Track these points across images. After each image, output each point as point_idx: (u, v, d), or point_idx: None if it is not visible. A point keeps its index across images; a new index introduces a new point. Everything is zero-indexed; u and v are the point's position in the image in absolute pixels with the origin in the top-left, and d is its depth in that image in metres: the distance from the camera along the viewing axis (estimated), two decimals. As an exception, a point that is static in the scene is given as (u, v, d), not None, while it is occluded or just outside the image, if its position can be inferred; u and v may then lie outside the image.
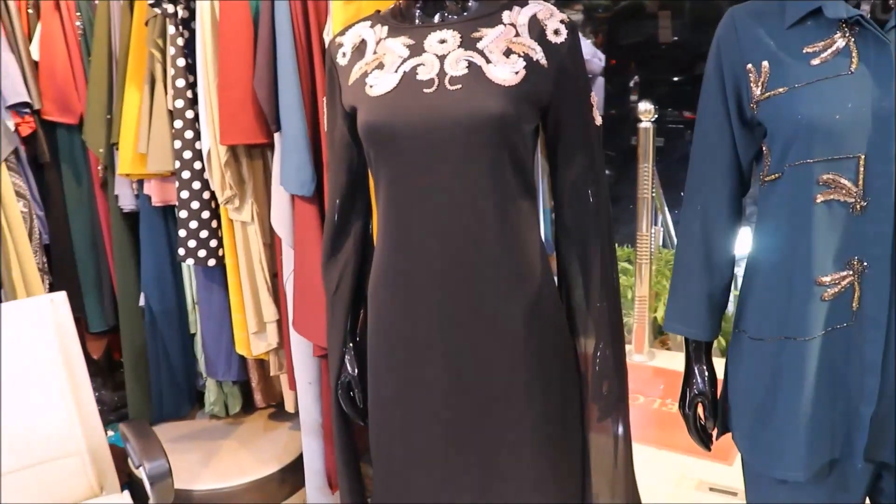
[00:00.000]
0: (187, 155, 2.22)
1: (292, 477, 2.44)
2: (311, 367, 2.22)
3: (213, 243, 2.29)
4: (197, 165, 2.22)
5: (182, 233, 2.26)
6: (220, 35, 2.07)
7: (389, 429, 1.46)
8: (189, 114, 2.20)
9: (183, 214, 2.25)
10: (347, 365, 1.55)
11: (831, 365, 1.16)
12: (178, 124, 2.21)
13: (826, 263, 1.13)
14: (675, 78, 5.00)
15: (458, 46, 1.30)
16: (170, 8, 2.14)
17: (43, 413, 1.90)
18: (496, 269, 1.33)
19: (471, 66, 1.29)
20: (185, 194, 2.23)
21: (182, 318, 2.58)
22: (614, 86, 4.83)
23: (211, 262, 2.30)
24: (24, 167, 2.51)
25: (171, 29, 2.18)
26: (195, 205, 2.24)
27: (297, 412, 2.32)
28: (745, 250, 1.30)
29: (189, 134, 2.21)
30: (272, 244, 2.30)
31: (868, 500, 1.27)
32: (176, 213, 2.30)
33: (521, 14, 1.33)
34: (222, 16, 2.06)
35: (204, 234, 2.27)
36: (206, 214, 2.26)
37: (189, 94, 2.20)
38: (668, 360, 2.88)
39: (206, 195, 2.25)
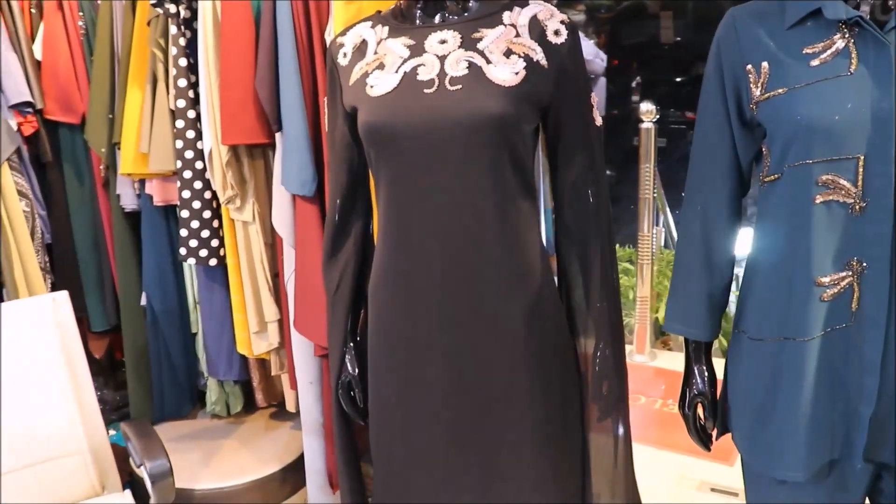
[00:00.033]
0: (189, 154, 2.22)
1: (293, 476, 2.44)
2: (312, 366, 2.22)
3: (215, 243, 2.29)
4: (198, 165, 2.22)
5: (183, 232, 2.26)
6: (222, 35, 2.07)
7: (390, 429, 1.46)
8: (191, 113, 2.20)
9: (184, 214, 2.25)
10: (348, 365, 1.55)
11: (831, 365, 1.16)
12: (179, 124, 2.21)
13: (825, 264, 1.13)
14: (677, 78, 4.99)
15: (459, 47, 1.30)
16: (172, 8, 2.14)
17: (44, 412, 1.90)
18: (496, 270, 1.33)
19: (471, 66, 1.29)
20: (186, 194, 2.24)
21: (183, 318, 2.58)
22: (617, 86, 4.83)
23: (212, 262, 2.30)
24: (26, 166, 2.51)
25: (173, 29, 2.18)
26: (197, 204, 2.24)
27: (299, 412, 2.32)
28: (746, 250, 1.30)
29: (191, 133, 2.21)
30: (273, 244, 2.30)
31: (868, 501, 1.27)
32: (177, 212, 2.30)
33: (522, 15, 1.33)
34: (224, 16, 2.06)
35: (205, 233, 2.27)
36: (207, 214, 2.26)
37: (191, 93, 2.20)
38: (670, 360, 2.87)
39: (207, 195, 2.25)
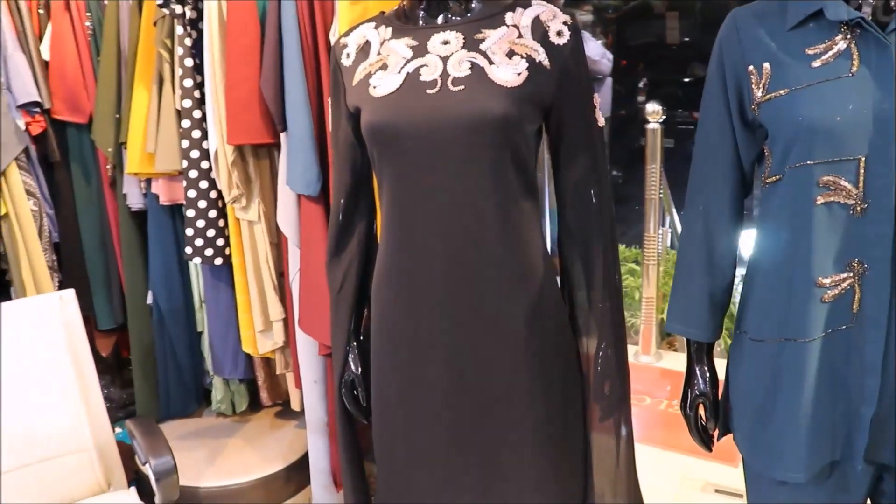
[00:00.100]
0: (195, 154, 2.22)
1: (298, 475, 2.44)
2: (316, 365, 2.22)
3: (220, 242, 2.29)
4: (204, 165, 2.23)
5: (189, 231, 2.27)
6: (227, 35, 2.08)
7: (392, 428, 1.47)
8: (197, 113, 2.21)
9: (190, 213, 2.26)
10: (351, 364, 1.55)
11: (831, 366, 1.16)
12: (185, 124, 2.22)
13: (826, 265, 1.13)
14: (685, 79, 4.97)
15: (461, 47, 1.31)
16: (178, 8, 2.15)
17: (51, 410, 1.91)
18: (498, 270, 1.33)
19: (473, 67, 1.29)
20: (192, 193, 2.24)
21: (189, 317, 2.59)
22: (624, 86, 4.82)
23: (218, 261, 2.31)
24: (34, 166, 2.52)
25: (179, 29, 2.18)
26: (202, 204, 2.25)
27: (303, 410, 2.33)
28: (748, 251, 1.30)
29: (196, 133, 2.21)
30: (279, 243, 2.31)
31: (869, 502, 1.27)
32: (183, 211, 2.31)
33: (524, 15, 1.33)
34: (229, 16, 2.07)
35: (211, 232, 2.27)
36: (213, 213, 2.27)
37: (197, 93, 2.21)
38: (675, 361, 2.87)
39: (213, 194, 2.25)
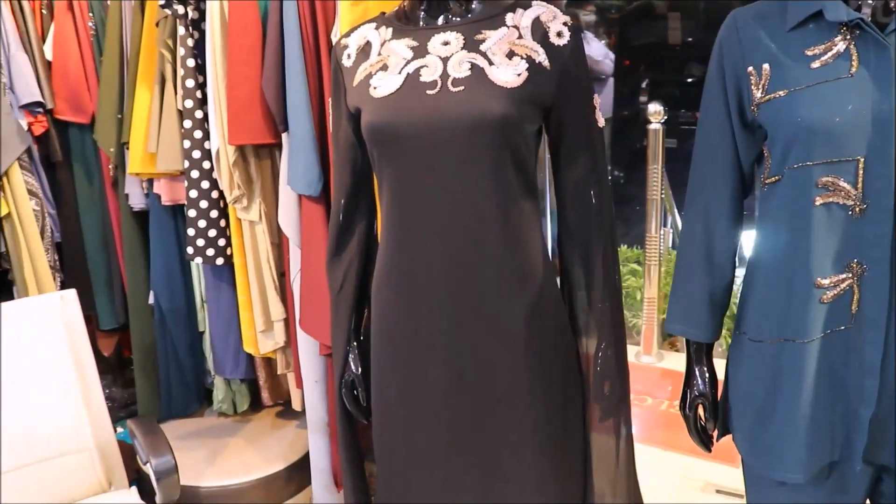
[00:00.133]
0: (196, 154, 2.22)
1: (298, 475, 2.44)
2: (317, 365, 2.22)
3: (222, 242, 2.30)
4: (206, 165, 2.23)
5: (191, 231, 2.27)
6: (229, 36, 2.08)
7: (392, 428, 1.47)
8: (198, 114, 2.21)
9: (192, 213, 2.26)
10: (351, 364, 1.56)
11: (830, 367, 1.16)
12: (187, 124, 2.22)
13: (825, 266, 1.13)
14: (688, 79, 4.97)
15: (462, 48, 1.31)
16: (180, 9, 2.15)
17: (52, 409, 1.92)
18: (498, 270, 1.34)
19: (473, 67, 1.29)
20: (193, 193, 2.24)
21: (191, 317, 2.59)
22: (627, 86, 4.81)
23: (219, 261, 2.31)
24: (36, 166, 2.52)
25: (182, 30, 2.18)
26: (204, 204, 2.25)
27: (304, 410, 2.33)
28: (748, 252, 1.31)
29: (198, 134, 2.22)
30: (280, 243, 2.31)
31: (868, 503, 1.27)
32: (185, 211, 2.31)
33: (525, 16, 1.34)
34: (231, 17, 2.07)
35: (212, 232, 2.28)
36: (214, 213, 2.27)
37: (198, 94, 2.21)
38: (677, 361, 2.87)
39: (214, 194, 2.25)
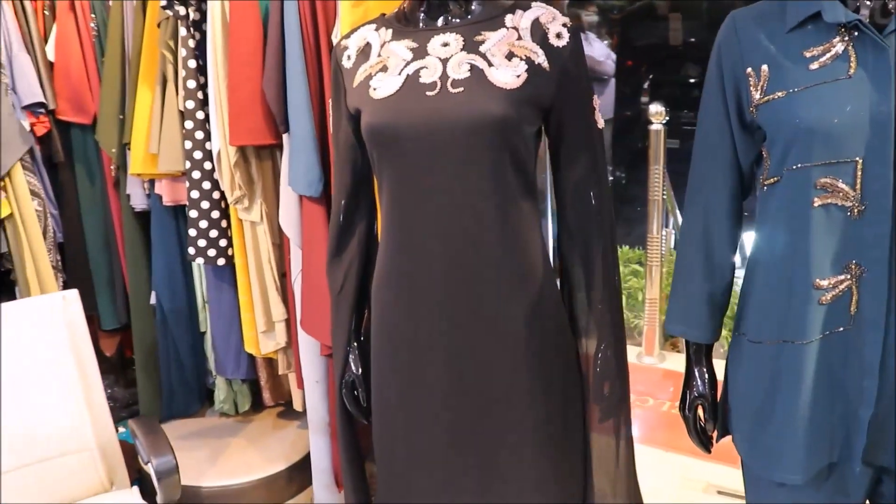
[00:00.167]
0: (198, 155, 2.23)
1: (300, 475, 2.44)
2: (318, 365, 2.22)
3: (223, 243, 2.30)
4: (207, 166, 2.23)
5: (192, 232, 2.28)
6: (230, 37, 2.08)
7: (392, 429, 1.47)
8: (200, 115, 2.21)
9: (193, 214, 2.26)
10: (351, 364, 1.56)
11: (829, 369, 1.16)
12: (188, 125, 2.22)
13: (824, 267, 1.13)
14: (690, 79, 4.97)
15: (461, 49, 1.31)
16: (181, 10, 2.15)
17: (54, 409, 1.92)
18: (497, 271, 1.34)
19: (473, 69, 1.30)
20: (195, 194, 2.25)
21: (192, 317, 2.59)
22: (630, 87, 4.82)
23: (220, 262, 2.31)
24: (38, 166, 2.53)
25: (183, 31, 2.19)
26: (205, 204, 2.25)
27: (306, 411, 2.33)
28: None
29: (199, 134, 2.22)
30: (281, 244, 2.31)
31: (868, 504, 1.27)
32: (186, 212, 2.32)
33: (524, 18, 1.34)
34: (232, 17, 2.07)
35: (214, 233, 2.28)
36: (215, 214, 2.27)
37: (200, 95, 2.22)
38: (679, 362, 2.86)
39: (216, 195, 2.26)
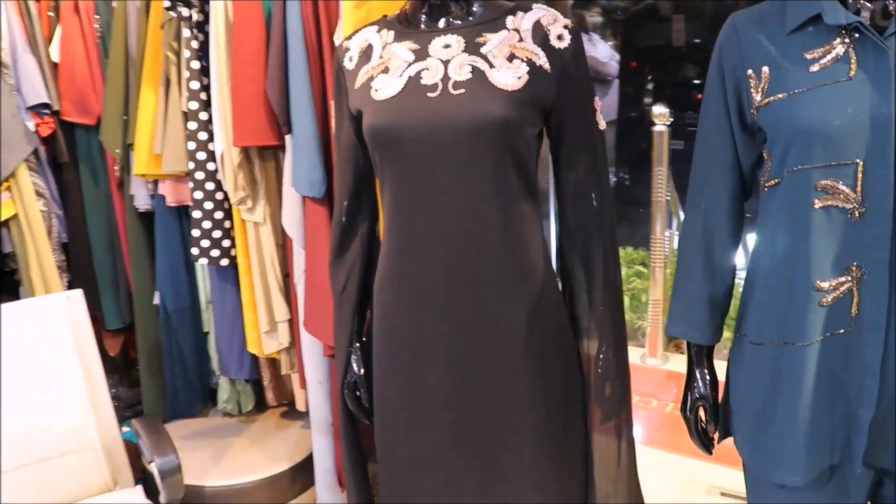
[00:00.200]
0: (201, 156, 2.23)
1: (303, 475, 2.45)
2: (321, 366, 2.22)
3: (226, 243, 2.30)
4: (210, 166, 2.24)
5: (195, 232, 2.28)
6: (233, 38, 2.09)
7: (394, 430, 1.47)
8: (203, 116, 2.22)
9: (196, 214, 2.27)
10: (353, 365, 1.56)
11: (830, 370, 1.16)
12: (192, 126, 2.23)
13: (825, 269, 1.13)
14: (695, 81, 4.96)
15: (463, 51, 1.32)
16: (185, 11, 2.16)
17: (58, 409, 1.93)
18: (498, 272, 1.34)
19: (474, 70, 1.30)
20: (198, 195, 2.25)
21: (196, 317, 2.60)
22: (634, 88, 4.81)
23: (224, 262, 2.32)
24: (43, 167, 2.54)
25: (186, 32, 2.19)
26: (209, 205, 2.26)
27: (308, 411, 2.34)
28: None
29: (203, 135, 2.23)
30: (284, 244, 2.32)
31: (869, 506, 1.27)
32: (190, 213, 2.32)
33: (525, 19, 1.34)
34: (235, 19, 2.08)
35: (217, 234, 2.29)
36: (219, 215, 2.28)
37: (203, 96, 2.22)
38: (682, 363, 2.85)
39: (219, 196, 2.26)
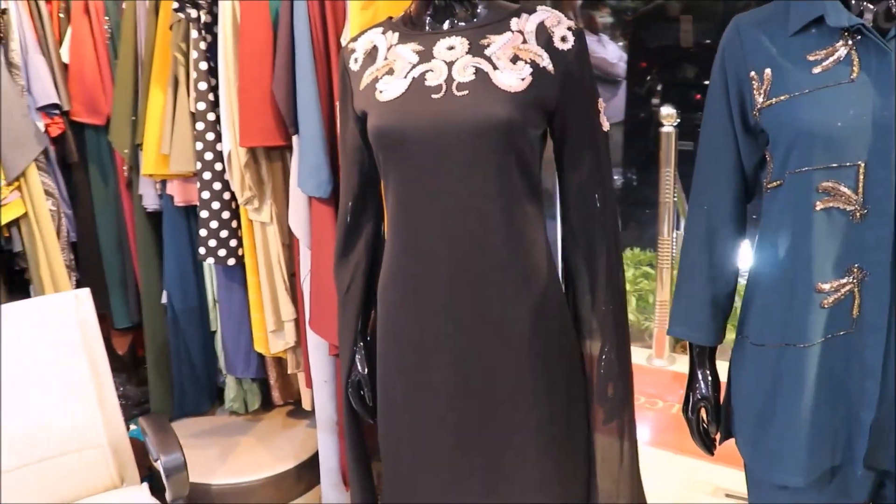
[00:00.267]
0: (208, 156, 2.25)
1: (308, 474, 2.45)
2: (326, 365, 2.23)
3: (233, 243, 2.32)
4: (218, 167, 2.25)
5: (203, 232, 2.29)
6: (241, 39, 2.10)
7: (398, 431, 1.48)
8: (210, 116, 2.23)
9: (204, 214, 2.28)
10: (358, 364, 1.57)
11: (831, 372, 1.16)
12: (199, 126, 2.24)
13: (826, 271, 1.13)
14: (705, 82, 4.94)
15: (466, 53, 1.32)
16: (193, 13, 2.17)
17: (66, 407, 1.94)
18: (502, 273, 1.35)
19: (478, 72, 1.31)
20: (206, 195, 2.26)
21: (203, 316, 2.61)
22: (642, 88, 4.81)
23: (231, 262, 2.33)
24: (53, 167, 2.55)
25: (194, 33, 2.21)
26: (216, 205, 2.27)
27: (314, 410, 2.35)
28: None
29: (210, 136, 2.24)
30: (291, 244, 2.32)
31: (871, 507, 1.27)
32: (197, 212, 2.33)
33: (529, 21, 1.35)
34: (243, 20, 2.09)
35: (224, 233, 2.30)
36: (226, 215, 2.29)
37: (211, 96, 2.23)
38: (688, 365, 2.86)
39: (226, 196, 2.27)
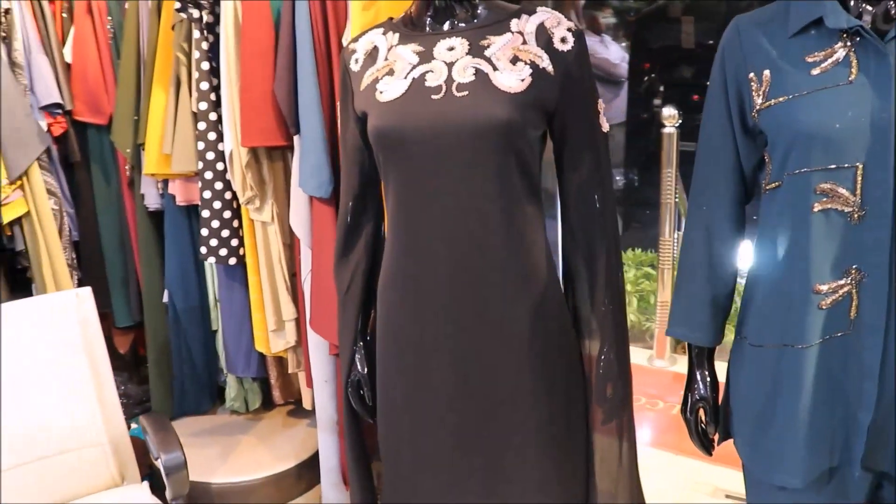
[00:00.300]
0: (210, 156, 2.25)
1: (308, 473, 2.46)
2: (327, 365, 2.23)
3: (235, 242, 2.32)
4: (219, 166, 2.26)
5: (204, 232, 2.30)
6: (242, 39, 2.10)
7: (398, 431, 1.48)
8: (212, 116, 2.24)
9: (205, 214, 2.29)
10: (357, 364, 1.57)
11: (829, 373, 1.16)
12: (201, 126, 2.25)
13: (824, 272, 1.13)
14: (707, 82, 4.94)
15: (466, 54, 1.33)
16: (195, 13, 2.18)
17: (66, 405, 1.95)
18: (502, 273, 1.35)
19: (478, 73, 1.31)
20: (207, 194, 2.27)
21: (204, 315, 2.62)
22: (644, 89, 4.81)
23: (232, 261, 2.33)
24: (55, 166, 2.56)
25: (197, 33, 2.21)
26: (217, 205, 2.28)
27: (315, 409, 2.35)
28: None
29: (212, 136, 2.24)
30: (292, 244, 2.33)
31: (869, 509, 1.27)
32: (199, 212, 2.34)
33: (529, 22, 1.35)
34: (245, 20, 2.09)
35: (225, 233, 2.30)
36: (227, 214, 2.29)
37: (213, 96, 2.24)
38: (687, 365, 2.86)
39: (227, 195, 2.28)
